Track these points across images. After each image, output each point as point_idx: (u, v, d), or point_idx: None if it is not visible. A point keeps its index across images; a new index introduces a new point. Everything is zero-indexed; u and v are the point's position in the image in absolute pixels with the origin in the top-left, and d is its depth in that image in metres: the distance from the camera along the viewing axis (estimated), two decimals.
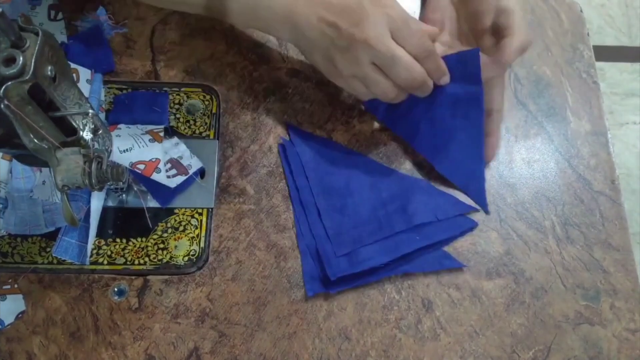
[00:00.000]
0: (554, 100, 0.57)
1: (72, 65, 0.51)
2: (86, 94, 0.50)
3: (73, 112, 0.40)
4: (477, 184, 0.52)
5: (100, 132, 0.43)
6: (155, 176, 0.48)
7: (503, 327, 0.48)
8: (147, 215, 0.49)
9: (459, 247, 0.51)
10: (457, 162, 0.52)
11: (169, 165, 0.49)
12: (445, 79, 0.48)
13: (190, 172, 0.49)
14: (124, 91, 0.53)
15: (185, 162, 0.50)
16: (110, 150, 0.45)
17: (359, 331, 0.47)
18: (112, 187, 0.48)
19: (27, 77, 0.34)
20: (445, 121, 0.50)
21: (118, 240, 0.48)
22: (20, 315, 0.46)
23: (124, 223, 0.49)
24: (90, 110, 0.41)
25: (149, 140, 0.49)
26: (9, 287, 0.47)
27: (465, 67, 0.47)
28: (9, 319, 0.46)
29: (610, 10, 1.52)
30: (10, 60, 0.34)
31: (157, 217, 0.49)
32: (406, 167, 0.53)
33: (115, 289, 0.47)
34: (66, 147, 0.41)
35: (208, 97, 0.54)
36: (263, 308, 0.47)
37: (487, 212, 0.52)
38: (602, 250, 0.51)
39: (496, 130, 0.52)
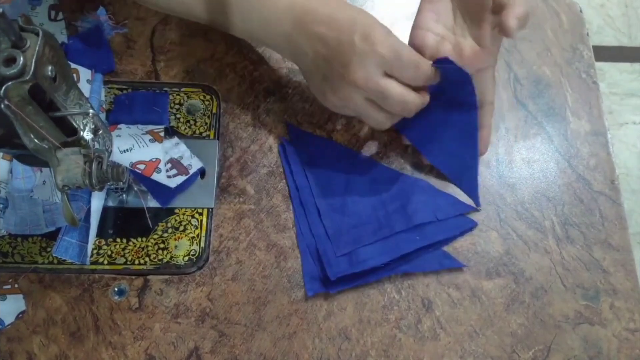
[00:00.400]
0: (553, 101, 0.57)
1: (73, 66, 0.51)
2: (86, 94, 0.50)
3: (73, 112, 0.40)
4: (470, 177, 0.52)
5: (101, 132, 0.43)
6: (155, 176, 0.48)
7: (503, 327, 0.48)
8: (147, 215, 0.49)
9: (459, 247, 0.51)
10: (450, 154, 0.52)
11: (169, 165, 0.49)
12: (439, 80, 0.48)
13: (191, 172, 0.49)
14: (124, 91, 0.53)
15: (185, 162, 0.50)
16: (111, 150, 0.45)
17: (359, 331, 0.47)
18: (112, 187, 0.48)
19: (27, 77, 0.34)
20: (438, 113, 0.50)
21: (118, 240, 0.48)
22: (21, 315, 0.46)
23: (124, 223, 0.49)
24: (91, 110, 0.41)
25: (149, 140, 0.49)
26: (9, 287, 0.47)
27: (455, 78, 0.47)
28: (9, 319, 0.46)
29: (610, 10, 1.52)
30: (10, 61, 0.34)
31: (158, 217, 0.49)
32: (406, 167, 0.53)
33: (116, 289, 0.47)
34: (66, 147, 0.41)
35: (208, 97, 0.54)
36: (263, 308, 0.48)
37: (478, 204, 0.52)
38: (601, 250, 0.51)
39: (488, 122, 0.52)
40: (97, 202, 0.47)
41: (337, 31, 0.44)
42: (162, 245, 0.48)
